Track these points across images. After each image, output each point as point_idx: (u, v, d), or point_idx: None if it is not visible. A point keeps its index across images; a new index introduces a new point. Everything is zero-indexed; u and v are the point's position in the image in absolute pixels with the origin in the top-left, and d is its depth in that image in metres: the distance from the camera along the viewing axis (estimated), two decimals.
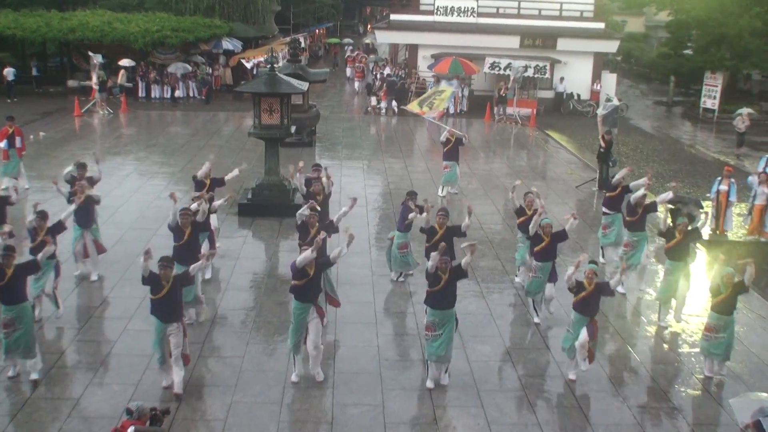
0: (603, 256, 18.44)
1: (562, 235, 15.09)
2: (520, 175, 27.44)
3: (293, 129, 22.46)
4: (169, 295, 12.00)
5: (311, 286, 12.48)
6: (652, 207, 16.97)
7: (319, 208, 15.38)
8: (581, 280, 12.90)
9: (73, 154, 28.65)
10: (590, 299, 12.75)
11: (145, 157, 28.73)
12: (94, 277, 16.60)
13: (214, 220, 17.20)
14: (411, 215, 16.14)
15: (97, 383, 12.47)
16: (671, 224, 15.98)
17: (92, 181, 17.42)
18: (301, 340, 12.70)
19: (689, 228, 15.38)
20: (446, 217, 15.21)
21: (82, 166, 17.78)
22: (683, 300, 15.55)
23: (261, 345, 13.92)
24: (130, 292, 16.02)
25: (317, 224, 14.71)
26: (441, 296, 12.49)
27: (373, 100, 42.80)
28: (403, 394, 12.46)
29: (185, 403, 11.93)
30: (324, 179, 17.16)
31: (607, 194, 18.46)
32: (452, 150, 23.85)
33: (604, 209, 18.35)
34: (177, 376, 12.17)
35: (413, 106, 25.15)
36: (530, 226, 15.23)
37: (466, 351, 13.91)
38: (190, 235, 14.35)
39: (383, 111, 41.76)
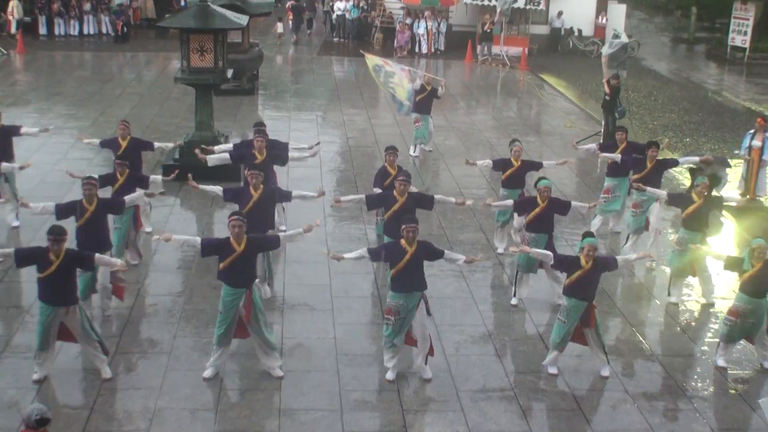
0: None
1: (563, 206, 15.13)
2: (509, 129, 27.49)
3: (230, 73, 22.29)
4: (59, 274, 12.02)
5: (242, 266, 12.42)
6: (672, 162, 17.26)
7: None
8: (575, 255, 12.95)
9: None
10: (588, 280, 12.79)
11: (48, 108, 28.40)
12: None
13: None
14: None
15: None
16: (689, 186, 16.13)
17: None
18: (231, 334, 12.69)
19: (713, 193, 15.50)
20: (408, 182, 15.07)
21: None
22: (709, 279, 15.68)
23: (191, 338, 13.85)
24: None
25: (261, 185, 14.71)
26: (404, 274, 12.47)
27: (279, 27, 43.03)
28: (365, 396, 12.46)
29: (97, 411, 11.85)
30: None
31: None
32: (425, 101, 23.77)
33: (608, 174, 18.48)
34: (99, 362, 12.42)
35: (397, 97, 24.40)
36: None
37: (442, 343, 13.94)
38: (94, 213, 14.11)
39: (293, 39, 42.31)
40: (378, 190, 15.92)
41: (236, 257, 12.32)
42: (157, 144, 18.38)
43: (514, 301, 15.45)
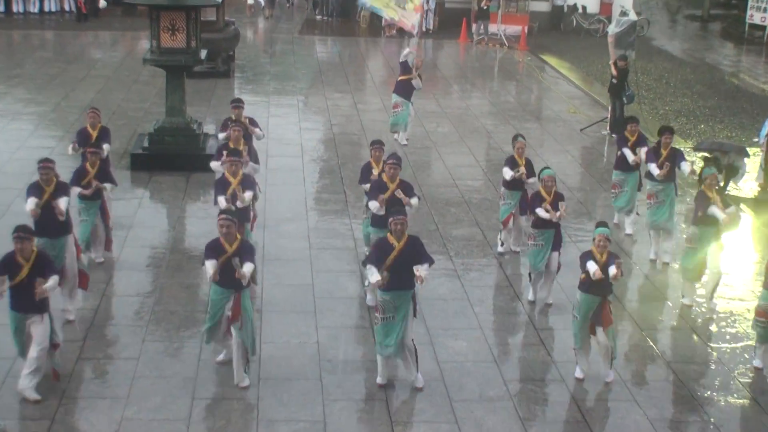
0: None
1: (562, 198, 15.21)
2: (507, 115, 27.49)
3: (204, 54, 22.23)
4: (30, 279, 11.90)
5: (233, 267, 12.35)
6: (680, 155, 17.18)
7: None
8: (588, 251, 12.94)
9: None
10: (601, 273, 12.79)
11: (5, 92, 28.29)
12: None
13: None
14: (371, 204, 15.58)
15: None
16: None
17: None
18: (219, 330, 12.70)
19: (726, 184, 15.49)
20: (398, 166, 15.01)
21: None
22: (717, 278, 15.66)
23: (162, 342, 13.80)
24: None
25: (241, 172, 14.83)
26: (392, 272, 12.41)
27: None
28: (350, 406, 12.41)
29: (59, 422, 11.79)
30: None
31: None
32: (407, 84, 23.53)
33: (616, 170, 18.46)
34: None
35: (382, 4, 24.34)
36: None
37: (434, 348, 13.91)
38: (51, 197, 14.07)
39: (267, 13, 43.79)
40: (366, 187, 15.80)
41: (227, 258, 12.23)
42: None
43: (530, 297, 15.51)
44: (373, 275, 12.37)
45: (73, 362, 13.10)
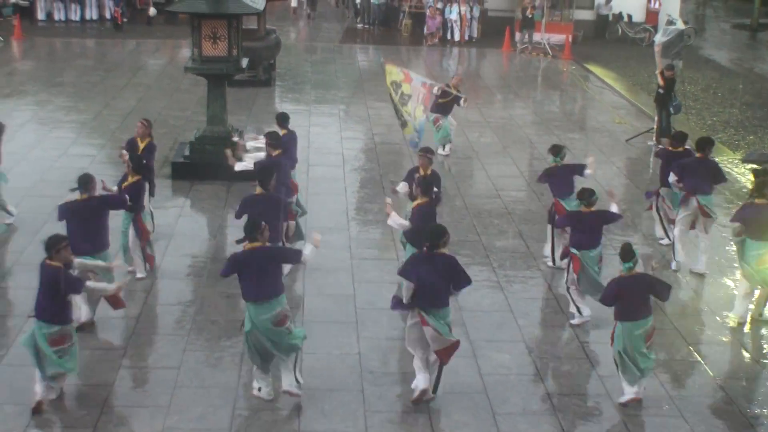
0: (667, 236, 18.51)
1: (608, 217, 15.10)
2: (551, 124, 27.42)
3: (245, 62, 22.35)
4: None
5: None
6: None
7: None
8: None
9: None
10: None
11: (47, 100, 28.55)
12: None
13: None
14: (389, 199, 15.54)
15: None
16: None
17: None
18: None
19: None
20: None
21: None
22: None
23: (202, 352, 13.88)
24: (27, 283, 15.89)
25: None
26: (430, 290, 12.42)
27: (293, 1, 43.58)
28: (392, 418, 12.44)
29: (100, 430, 11.88)
30: None
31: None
32: (447, 105, 23.41)
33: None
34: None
35: (409, 130, 23.62)
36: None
37: (477, 360, 13.91)
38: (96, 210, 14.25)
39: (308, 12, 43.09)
40: (403, 186, 15.95)
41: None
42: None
43: (575, 321, 15.35)
44: (406, 292, 12.41)
45: (115, 371, 13.21)
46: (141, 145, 17.40)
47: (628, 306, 12.57)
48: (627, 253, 12.64)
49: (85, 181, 14.19)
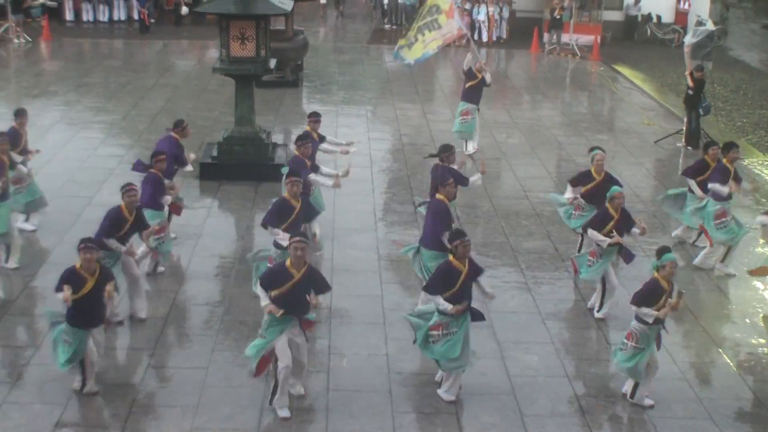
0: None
1: (629, 222, 15.10)
2: (579, 126, 27.39)
3: (273, 63, 22.42)
4: (95, 293, 12.19)
5: (297, 294, 12.21)
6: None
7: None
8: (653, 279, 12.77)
9: None
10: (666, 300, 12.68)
11: (75, 100, 28.72)
12: (12, 263, 16.61)
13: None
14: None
15: (13, 402, 12.51)
16: None
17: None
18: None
19: None
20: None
21: (22, 113, 18.30)
22: None
23: (231, 352, 13.94)
24: (55, 283, 16.01)
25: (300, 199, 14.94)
26: (457, 297, 12.47)
27: None
28: (420, 419, 12.48)
29: (129, 429, 11.96)
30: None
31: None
32: (475, 89, 23.48)
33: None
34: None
35: (409, 52, 23.53)
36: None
37: (505, 362, 13.93)
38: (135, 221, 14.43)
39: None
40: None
41: (293, 285, 12.06)
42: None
43: (598, 314, 15.41)
44: (444, 305, 12.39)
45: (143, 370, 13.30)
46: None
47: None
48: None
49: None
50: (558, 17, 40.01)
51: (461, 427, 12.30)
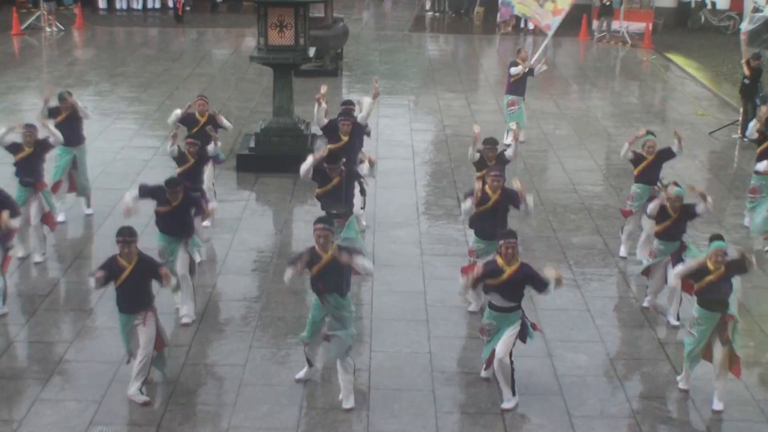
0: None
1: (692, 212, 14.98)
2: (630, 116, 27.26)
3: (312, 52, 22.45)
4: (133, 281, 12.26)
5: (330, 276, 12.37)
6: None
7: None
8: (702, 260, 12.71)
9: (10, 87, 29.02)
10: (718, 287, 12.61)
11: (109, 90, 28.96)
12: (38, 258, 16.76)
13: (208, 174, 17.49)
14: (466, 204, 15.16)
15: (46, 399, 12.61)
16: None
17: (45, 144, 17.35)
18: (320, 338, 12.85)
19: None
20: (502, 177, 14.92)
21: (64, 98, 18.32)
22: None
23: (269, 349, 14.02)
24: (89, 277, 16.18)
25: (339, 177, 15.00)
26: (502, 290, 12.47)
27: None
28: (464, 419, 12.47)
29: (164, 428, 12.04)
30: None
31: (759, 148, 18.30)
32: (521, 80, 23.53)
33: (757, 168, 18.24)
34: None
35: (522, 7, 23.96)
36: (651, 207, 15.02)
37: (553, 361, 13.89)
38: (183, 199, 14.39)
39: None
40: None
41: (323, 266, 12.28)
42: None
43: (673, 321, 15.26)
44: (474, 305, 12.42)
45: (179, 367, 13.38)
46: (201, 119, 17.84)
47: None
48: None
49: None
50: (608, 3, 39.80)
51: (507, 427, 12.27)
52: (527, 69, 23.24)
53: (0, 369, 13.33)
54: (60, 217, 17.96)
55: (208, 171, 17.45)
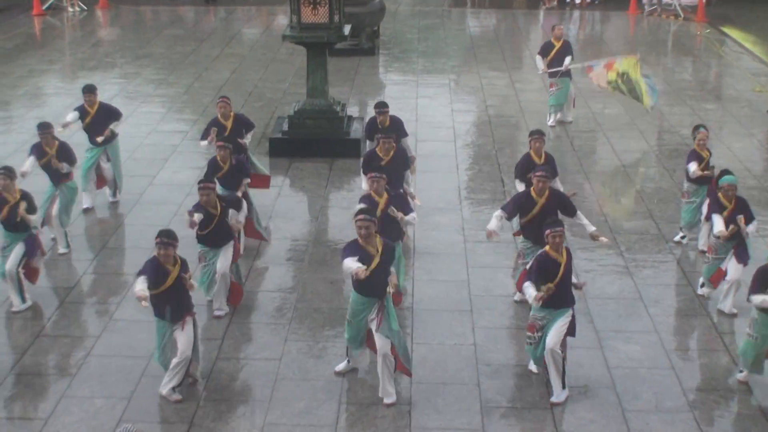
0: None
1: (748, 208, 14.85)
2: (683, 94, 27.07)
3: (347, 30, 22.39)
4: (176, 287, 12.22)
5: (376, 278, 12.27)
6: None
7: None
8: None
9: (31, 70, 29.15)
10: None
11: (135, 72, 29.02)
12: (62, 249, 16.84)
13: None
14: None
15: (72, 396, 12.68)
16: None
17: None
18: (363, 340, 12.82)
19: None
20: (548, 178, 14.36)
21: (90, 90, 18.40)
22: None
23: (305, 342, 14.03)
24: (116, 268, 16.24)
25: (386, 193, 14.46)
26: (555, 291, 12.36)
27: None
28: (511, 414, 12.44)
29: (197, 425, 12.07)
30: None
31: None
32: (559, 59, 23.34)
33: None
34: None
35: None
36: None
37: (604, 352, 13.83)
38: (222, 211, 14.40)
39: None
40: (520, 186, 15.72)
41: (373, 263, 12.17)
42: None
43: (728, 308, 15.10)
44: (531, 292, 12.24)
45: (212, 362, 13.40)
46: (228, 124, 17.54)
47: None
48: None
49: None
50: None
51: (556, 423, 12.24)
52: (542, 72, 23.46)
53: (25, 365, 13.42)
54: (85, 204, 18.16)
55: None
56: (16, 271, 14.63)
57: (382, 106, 17.81)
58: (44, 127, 16.52)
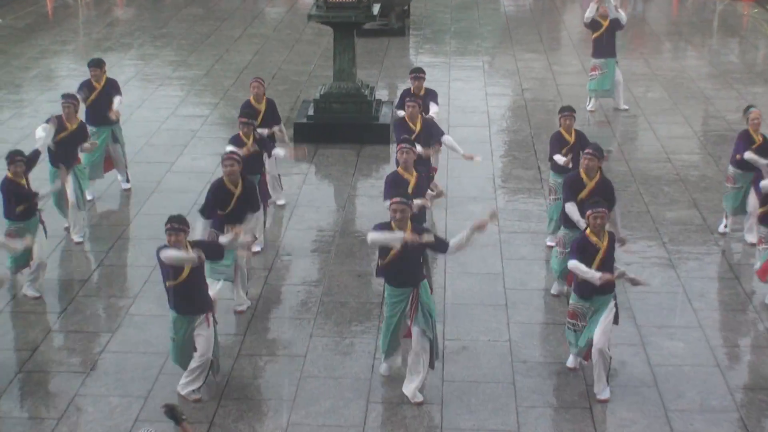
0: None
1: None
2: (729, 77, 26.96)
3: (376, 9, 22.38)
4: (192, 279, 12.14)
5: (407, 263, 12.30)
6: None
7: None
8: None
9: (44, 51, 29.29)
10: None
11: (152, 54, 29.10)
12: (77, 238, 16.91)
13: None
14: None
15: (85, 395, 12.73)
16: None
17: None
18: (397, 339, 12.78)
19: None
20: (597, 157, 14.24)
21: (97, 64, 18.44)
22: None
23: (331, 338, 14.04)
24: (132, 260, 16.29)
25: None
26: (602, 269, 12.33)
27: None
28: (548, 413, 12.44)
29: (217, 425, 12.11)
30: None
31: None
32: (605, 39, 23.14)
33: None
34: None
35: None
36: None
37: (646, 349, 13.81)
38: (242, 192, 14.31)
39: None
40: (560, 158, 15.65)
41: (400, 251, 12.07)
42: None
43: None
44: (590, 273, 12.17)
45: (233, 359, 13.43)
46: (260, 107, 17.57)
47: None
48: None
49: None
50: None
51: (595, 423, 12.23)
52: (591, 17, 23.11)
53: (37, 362, 13.49)
54: (88, 196, 18.12)
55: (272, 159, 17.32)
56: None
57: (418, 71, 17.97)
58: (69, 98, 16.67)
